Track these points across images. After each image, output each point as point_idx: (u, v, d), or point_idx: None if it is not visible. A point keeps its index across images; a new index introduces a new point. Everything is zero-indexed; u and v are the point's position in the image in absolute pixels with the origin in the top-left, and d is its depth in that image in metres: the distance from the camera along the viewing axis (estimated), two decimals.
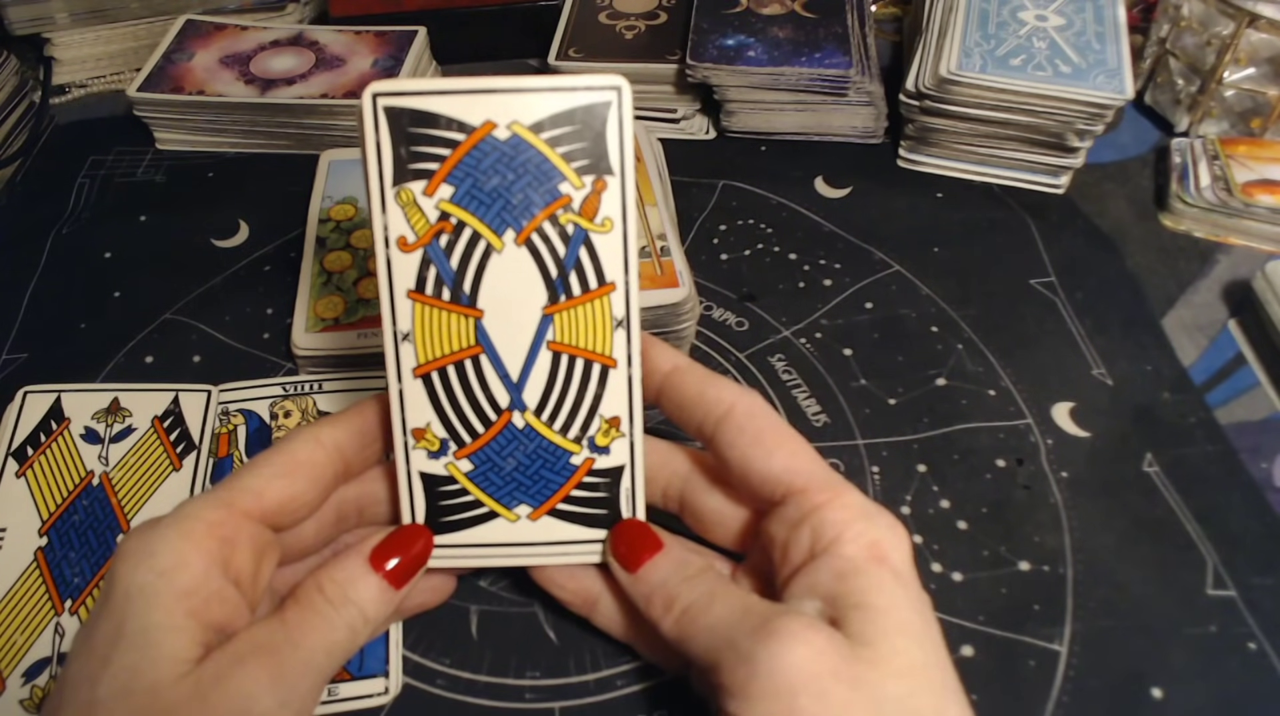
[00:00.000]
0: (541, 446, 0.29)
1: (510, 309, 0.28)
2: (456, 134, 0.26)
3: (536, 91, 0.26)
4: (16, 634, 0.32)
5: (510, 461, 0.29)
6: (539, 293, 0.28)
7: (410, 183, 0.27)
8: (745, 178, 0.53)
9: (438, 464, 0.29)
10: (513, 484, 0.29)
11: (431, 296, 0.28)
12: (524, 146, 0.27)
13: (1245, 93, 0.54)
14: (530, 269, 0.28)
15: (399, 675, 0.32)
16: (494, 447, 0.29)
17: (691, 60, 0.53)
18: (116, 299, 0.46)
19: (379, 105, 0.26)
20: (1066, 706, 0.32)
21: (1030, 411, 0.41)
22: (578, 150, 0.27)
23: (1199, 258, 0.49)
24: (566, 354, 0.28)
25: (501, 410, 0.29)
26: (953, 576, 0.35)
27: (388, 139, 0.26)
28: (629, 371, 0.29)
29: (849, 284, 0.47)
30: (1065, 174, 0.53)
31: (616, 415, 0.29)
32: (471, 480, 0.29)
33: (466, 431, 0.29)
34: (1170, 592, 0.35)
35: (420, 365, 0.28)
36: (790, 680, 0.23)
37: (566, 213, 0.27)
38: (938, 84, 0.51)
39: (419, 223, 0.27)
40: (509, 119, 0.26)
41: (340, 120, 0.54)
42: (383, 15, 0.61)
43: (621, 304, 0.28)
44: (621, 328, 0.28)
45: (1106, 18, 0.54)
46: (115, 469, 0.36)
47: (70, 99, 0.61)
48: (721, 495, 0.31)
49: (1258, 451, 0.40)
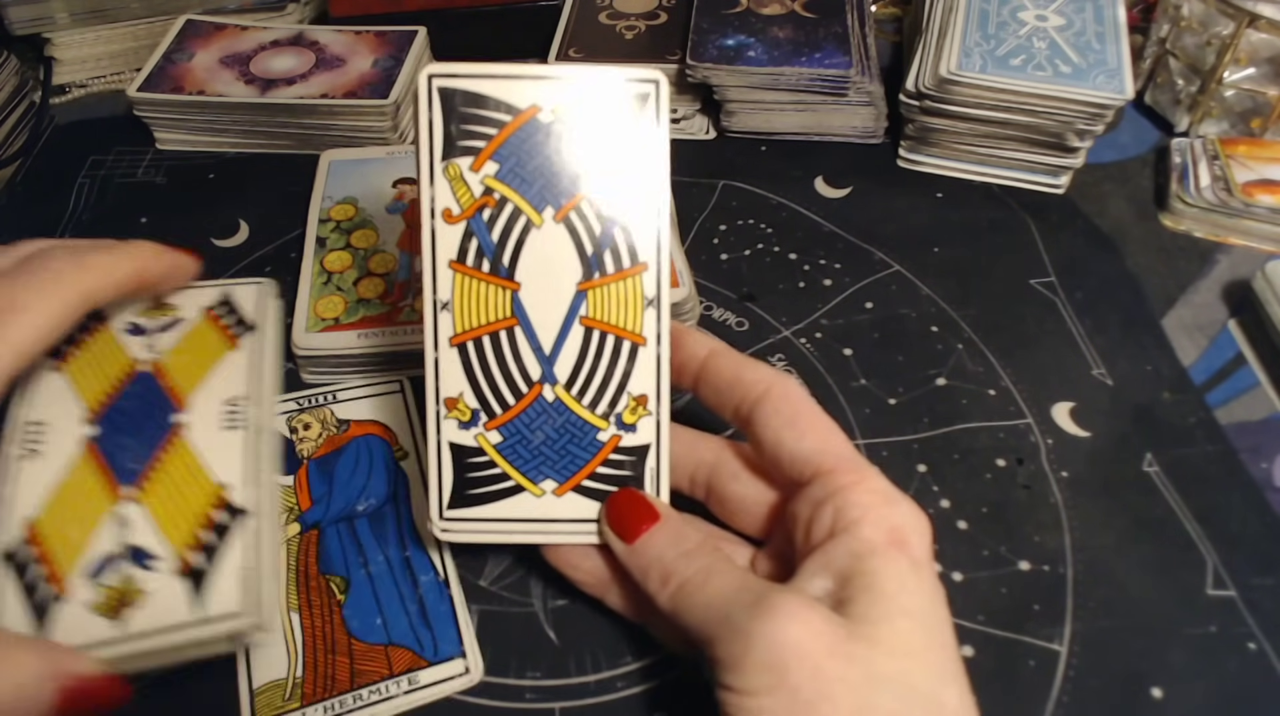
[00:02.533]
0: (570, 421, 0.30)
1: (546, 283, 0.29)
2: (504, 115, 0.28)
3: (581, 79, 0.28)
4: (71, 528, 0.29)
5: (539, 434, 0.30)
6: (574, 268, 0.29)
7: (458, 158, 0.28)
8: (745, 178, 0.53)
9: (468, 435, 0.29)
10: (540, 458, 0.30)
11: (472, 267, 0.29)
12: (568, 128, 0.29)
13: (1245, 93, 0.54)
14: (567, 245, 0.29)
15: (477, 656, 0.32)
16: (524, 420, 0.30)
17: (691, 60, 0.53)
18: None
19: (434, 85, 0.28)
20: (1066, 706, 0.32)
21: (1030, 411, 0.41)
22: (619, 134, 0.29)
23: (1199, 258, 0.49)
24: (598, 329, 0.29)
25: (533, 382, 0.29)
26: (953, 576, 0.35)
27: (440, 116, 0.28)
28: (658, 350, 0.29)
29: (849, 284, 0.47)
30: (1065, 174, 0.53)
31: (644, 393, 0.30)
32: (500, 452, 0.30)
33: (498, 402, 0.29)
34: (1170, 592, 0.35)
35: (457, 334, 0.29)
36: (784, 654, 0.24)
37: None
38: (938, 84, 0.51)
39: (464, 196, 0.28)
40: (554, 103, 0.28)
41: (340, 120, 0.54)
42: (383, 15, 0.61)
43: (653, 283, 0.29)
44: (652, 307, 0.29)
45: (1106, 18, 0.54)
46: (166, 355, 0.34)
47: (70, 99, 0.61)
48: (748, 480, 0.31)
49: (1258, 451, 0.40)
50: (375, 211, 0.47)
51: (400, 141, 0.54)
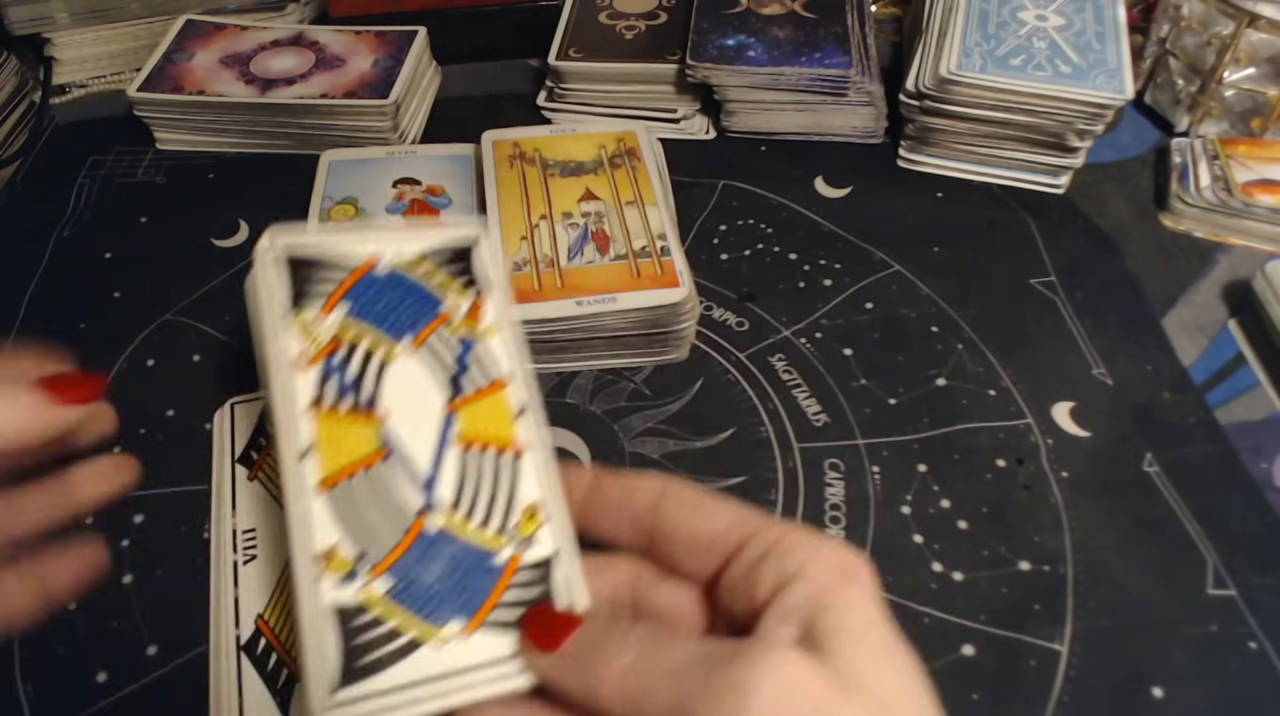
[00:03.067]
0: (462, 549, 0.27)
1: (414, 409, 0.28)
2: (346, 267, 0.29)
3: (415, 232, 0.30)
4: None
5: (431, 572, 0.27)
6: (441, 391, 0.28)
7: (305, 309, 0.28)
8: (745, 178, 0.53)
9: (351, 590, 0.26)
10: (437, 598, 0.27)
11: (332, 407, 0.27)
12: (404, 277, 0.29)
13: (1245, 93, 0.54)
14: (427, 372, 0.28)
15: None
16: (411, 558, 0.27)
17: (691, 60, 0.53)
18: (116, 299, 0.46)
19: (270, 255, 0.28)
20: (1067, 705, 0.32)
21: (1030, 411, 0.41)
22: (456, 274, 0.30)
23: (1199, 258, 0.49)
24: (475, 446, 0.28)
25: (415, 514, 0.27)
26: (953, 576, 0.35)
27: (284, 275, 0.28)
28: (541, 454, 0.28)
29: (849, 284, 0.47)
30: (1065, 174, 0.53)
31: (536, 500, 0.28)
32: (392, 600, 0.26)
33: (380, 544, 0.27)
34: (1170, 592, 0.35)
35: (325, 478, 0.27)
36: (791, 697, 0.22)
37: (452, 323, 0.29)
38: (938, 84, 0.51)
39: (315, 341, 0.28)
40: (392, 253, 0.29)
41: (340, 120, 0.54)
42: (383, 15, 0.61)
43: (521, 393, 0.29)
44: (524, 415, 0.29)
45: (1106, 18, 0.54)
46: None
47: (70, 99, 0.61)
48: (670, 583, 0.29)
49: (1258, 451, 0.40)
50: (375, 211, 0.47)
51: (400, 141, 0.54)
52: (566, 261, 0.43)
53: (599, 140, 0.50)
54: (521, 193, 0.46)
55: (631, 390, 0.42)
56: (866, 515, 0.37)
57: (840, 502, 0.38)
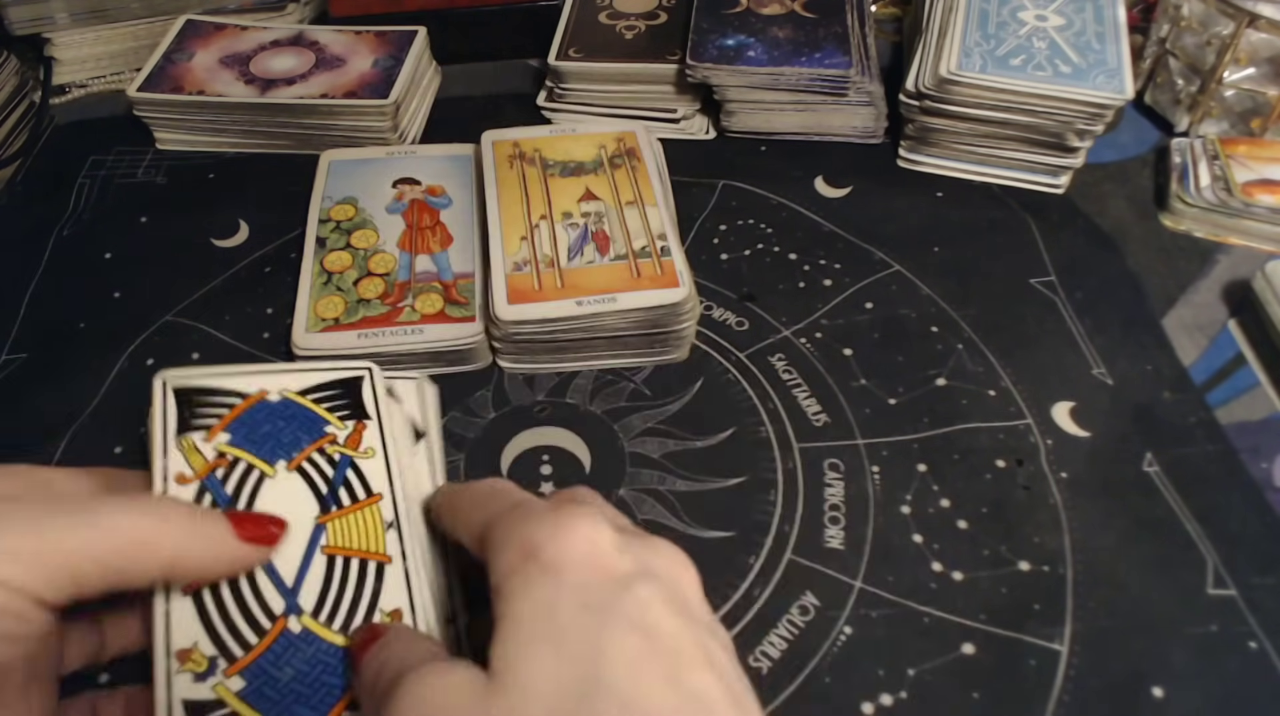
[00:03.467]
0: (321, 650, 0.28)
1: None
2: (234, 399, 0.31)
3: (304, 370, 0.32)
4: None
5: (288, 671, 0.27)
6: (311, 506, 0.30)
7: (193, 433, 0.30)
8: (745, 178, 0.53)
9: (204, 687, 0.27)
10: (291, 696, 0.27)
11: None
12: (293, 404, 0.32)
13: (1245, 93, 0.54)
14: (301, 488, 0.30)
15: None
16: (269, 658, 0.27)
17: (691, 60, 0.53)
18: (116, 299, 0.46)
19: (168, 386, 0.31)
20: (1067, 706, 0.32)
21: (1030, 411, 0.41)
22: (339, 405, 0.32)
23: (1199, 257, 0.49)
24: (341, 556, 0.29)
25: (276, 616, 0.28)
26: (953, 575, 0.35)
27: (174, 406, 0.30)
28: (405, 565, 0.29)
29: (849, 284, 0.47)
30: (1065, 174, 0.53)
31: (398, 607, 0.29)
32: (244, 699, 0.27)
33: (238, 644, 0.27)
34: (1170, 592, 0.35)
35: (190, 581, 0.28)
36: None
37: (333, 446, 0.31)
38: (938, 84, 0.51)
39: (197, 461, 0.30)
40: (280, 387, 0.32)
41: (340, 120, 0.54)
42: (383, 15, 0.61)
43: (390, 509, 0.30)
44: (393, 528, 0.30)
45: (1106, 18, 0.54)
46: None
47: (70, 99, 0.61)
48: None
49: (1258, 451, 0.40)
50: (375, 211, 0.47)
51: (400, 141, 0.54)
52: (566, 261, 0.43)
53: (599, 140, 0.50)
54: (521, 193, 0.46)
55: (631, 390, 0.42)
56: (866, 515, 0.37)
57: (840, 502, 0.38)
